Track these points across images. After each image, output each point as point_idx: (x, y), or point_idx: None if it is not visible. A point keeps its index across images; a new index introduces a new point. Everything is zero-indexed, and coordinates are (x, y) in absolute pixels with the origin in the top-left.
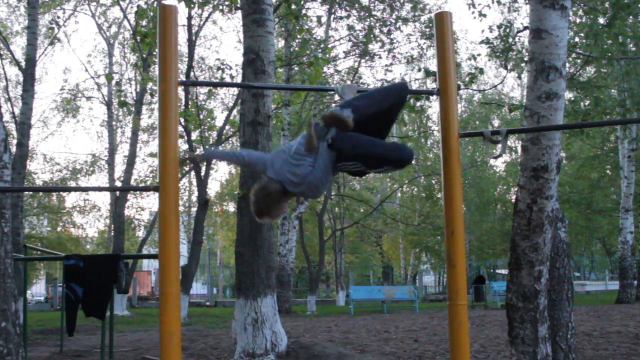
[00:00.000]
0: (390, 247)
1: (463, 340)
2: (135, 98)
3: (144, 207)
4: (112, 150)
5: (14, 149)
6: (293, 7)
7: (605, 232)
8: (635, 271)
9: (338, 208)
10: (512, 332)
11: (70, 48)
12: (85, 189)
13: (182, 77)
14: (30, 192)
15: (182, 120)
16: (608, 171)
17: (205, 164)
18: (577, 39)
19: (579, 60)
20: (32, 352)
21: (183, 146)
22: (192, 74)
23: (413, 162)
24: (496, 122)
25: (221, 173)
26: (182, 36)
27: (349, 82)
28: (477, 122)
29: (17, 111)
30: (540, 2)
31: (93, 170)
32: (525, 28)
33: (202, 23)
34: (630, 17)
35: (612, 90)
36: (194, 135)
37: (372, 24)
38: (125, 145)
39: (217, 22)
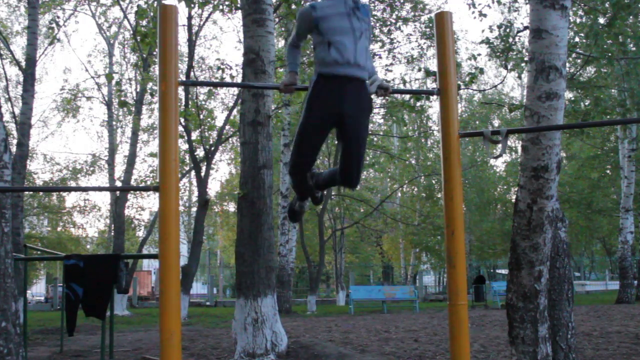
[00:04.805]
0: (390, 247)
1: (463, 340)
2: (135, 98)
3: (144, 207)
4: (112, 150)
5: (14, 149)
6: (293, 7)
7: (605, 232)
8: (636, 271)
9: (338, 208)
10: (512, 332)
11: (70, 48)
12: (85, 189)
13: (182, 77)
14: (30, 192)
15: (182, 120)
16: (608, 171)
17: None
18: (577, 39)
19: (579, 60)
20: (32, 352)
21: (183, 146)
22: (192, 74)
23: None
24: (496, 122)
25: (221, 173)
26: (182, 36)
27: None
28: (477, 122)
29: (17, 111)
30: (540, 2)
31: (93, 170)
32: (526, 28)
33: (202, 23)
34: (630, 17)
35: (612, 90)
36: (194, 135)
37: (372, 24)
38: (125, 145)
39: (217, 22)
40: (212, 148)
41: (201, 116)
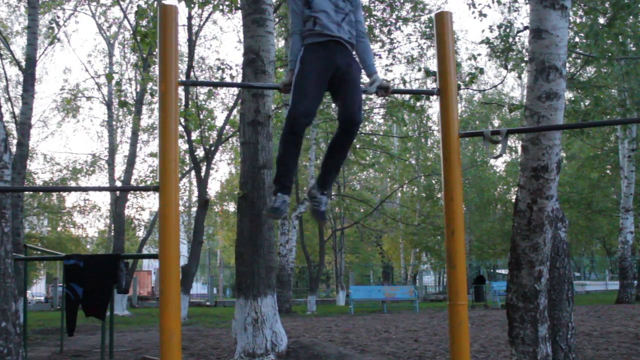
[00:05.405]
0: (390, 247)
1: (463, 340)
2: (135, 98)
3: (144, 207)
4: (112, 150)
5: (14, 149)
6: None
7: (605, 232)
8: (636, 271)
9: (338, 208)
10: (512, 332)
11: (70, 48)
12: (85, 189)
13: (182, 77)
14: (30, 192)
15: (182, 120)
16: (608, 171)
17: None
18: (577, 39)
19: (579, 60)
20: (32, 352)
21: (183, 146)
22: (192, 74)
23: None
24: (496, 122)
25: (221, 173)
26: (182, 36)
27: None
28: (477, 122)
29: (17, 111)
30: (540, 2)
31: (93, 170)
32: (526, 28)
33: (202, 23)
34: (630, 17)
35: (612, 90)
36: (194, 135)
37: (372, 24)
38: (125, 145)
39: (217, 22)
40: (212, 148)
41: (201, 116)
